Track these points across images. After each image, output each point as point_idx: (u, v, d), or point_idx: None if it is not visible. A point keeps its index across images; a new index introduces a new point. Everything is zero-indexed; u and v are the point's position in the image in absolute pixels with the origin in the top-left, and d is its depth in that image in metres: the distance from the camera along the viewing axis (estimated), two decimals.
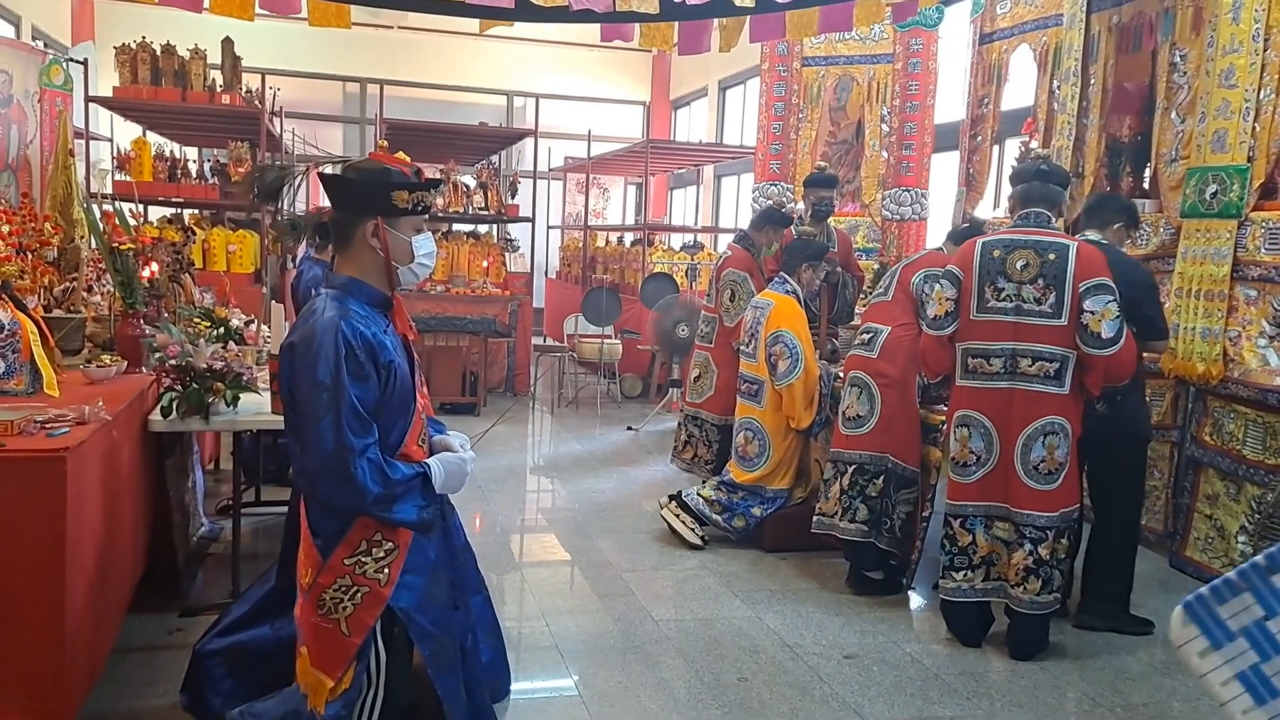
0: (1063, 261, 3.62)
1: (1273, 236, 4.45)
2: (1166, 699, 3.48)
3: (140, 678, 3.26)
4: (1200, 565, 4.69)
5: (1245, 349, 4.54)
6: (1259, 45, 4.52)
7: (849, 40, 7.97)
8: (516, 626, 3.95)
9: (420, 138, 10.08)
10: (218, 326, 4.22)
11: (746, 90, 12.79)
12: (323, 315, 2.19)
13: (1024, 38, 6.49)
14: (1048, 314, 3.63)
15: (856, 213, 8.10)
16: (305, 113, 13.07)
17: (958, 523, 3.84)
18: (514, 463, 6.85)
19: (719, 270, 5.69)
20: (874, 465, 4.34)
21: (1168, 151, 5.20)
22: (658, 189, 15.21)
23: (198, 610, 3.77)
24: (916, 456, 4.34)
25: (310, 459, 2.16)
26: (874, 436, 4.34)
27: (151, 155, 8.20)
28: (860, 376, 4.40)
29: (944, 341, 3.86)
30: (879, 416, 4.32)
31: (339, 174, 2.28)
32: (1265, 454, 4.36)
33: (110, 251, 3.86)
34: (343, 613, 2.25)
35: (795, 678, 3.53)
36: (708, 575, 4.57)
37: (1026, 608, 3.71)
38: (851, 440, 4.39)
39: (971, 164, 6.92)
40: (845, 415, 4.44)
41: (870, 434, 4.34)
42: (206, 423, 3.51)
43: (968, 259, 3.80)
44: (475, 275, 9.16)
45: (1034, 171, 3.87)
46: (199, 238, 7.84)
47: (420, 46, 13.87)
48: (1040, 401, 3.66)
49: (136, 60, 7.95)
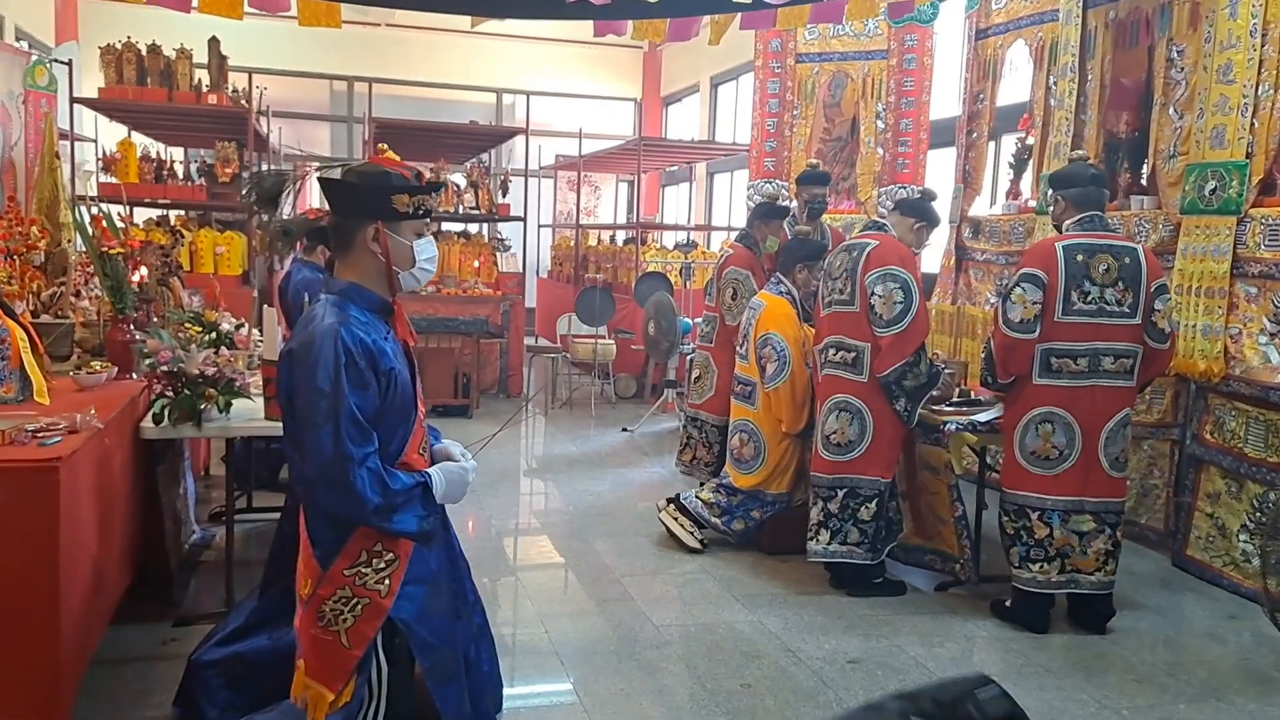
0: (1136, 265, 3.85)
1: (1273, 233, 4.43)
2: (1173, 701, 3.45)
3: (135, 688, 3.20)
4: (1202, 564, 4.67)
5: (1246, 346, 4.53)
6: (1256, 41, 4.50)
7: (843, 36, 7.95)
8: (512, 632, 3.91)
9: (410, 136, 10.01)
10: (209, 331, 4.15)
11: (739, 86, 12.75)
12: (322, 321, 2.14)
13: (1020, 33, 6.46)
14: (1126, 314, 3.85)
15: (852, 210, 8.07)
16: (293, 112, 12.97)
17: (1036, 515, 3.96)
18: (508, 465, 6.79)
19: (720, 269, 5.64)
20: (867, 489, 4.27)
21: (1166, 147, 5.17)
22: (650, 187, 15.16)
23: (192, 619, 3.71)
24: (892, 467, 4.31)
25: (309, 467, 2.11)
26: (863, 462, 4.25)
27: (137, 156, 8.13)
28: (851, 402, 4.25)
29: (1029, 344, 3.88)
30: (871, 442, 4.23)
31: (338, 178, 2.23)
32: (1267, 452, 4.34)
33: (99, 256, 3.79)
34: (343, 625, 2.21)
35: (799, 683, 3.49)
36: (707, 579, 4.53)
37: (1099, 589, 3.98)
38: (840, 466, 4.28)
39: (968, 160, 6.90)
40: (831, 440, 4.31)
41: (860, 459, 4.25)
42: (199, 429, 3.45)
43: (1051, 263, 3.85)
44: (467, 275, 9.11)
45: (1090, 175, 4.00)
46: (186, 240, 7.75)
47: (409, 44, 13.78)
48: (1118, 396, 3.91)
49: (122, 60, 7.87)
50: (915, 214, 4.39)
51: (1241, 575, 4.44)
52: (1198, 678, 3.65)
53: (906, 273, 4.17)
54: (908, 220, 4.38)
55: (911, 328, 4.14)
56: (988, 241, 6.60)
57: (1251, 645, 3.96)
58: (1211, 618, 4.25)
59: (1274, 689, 3.56)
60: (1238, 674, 3.71)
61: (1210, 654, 3.89)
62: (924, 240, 4.49)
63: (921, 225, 4.40)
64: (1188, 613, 4.32)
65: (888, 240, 4.30)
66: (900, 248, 4.29)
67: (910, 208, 4.42)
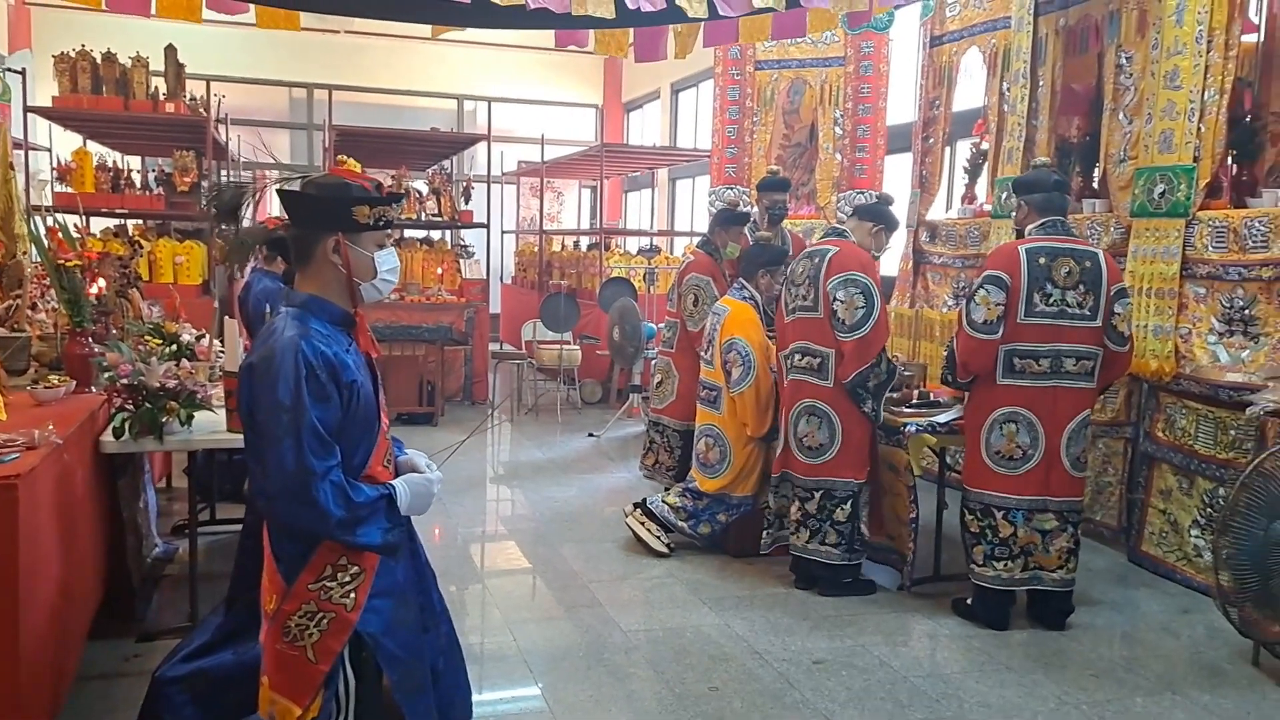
0: (1097, 269, 3.93)
1: (1219, 235, 4.54)
2: (1130, 694, 3.52)
3: (98, 707, 3.17)
4: (1156, 559, 4.77)
5: (1196, 345, 4.63)
6: (1202, 47, 4.61)
7: (801, 44, 8.02)
8: (480, 640, 3.91)
9: (371, 143, 9.96)
10: (169, 343, 4.12)
11: (699, 93, 12.83)
12: (283, 335, 2.13)
13: (973, 40, 6.57)
14: (1087, 316, 3.93)
15: (812, 215, 8.14)
16: (251, 119, 12.86)
17: (1001, 514, 4.02)
18: (474, 472, 6.79)
19: (681, 275, 5.68)
20: (842, 490, 4.34)
21: (1116, 152, 5.29)
22: (612, 192, 15.20)
23: (155, 635, 3.68)
24: (865, 466, 4.37)
25: (271, 482, 2.10)
26: (835, 465, 4.32)
27: (93, 165, 8.03)
28: (819, 407, 4.33)
29: (991, 345, 3.95)
30: (841, 445, 4.31)
31: (298, 190, 2.22)
32: (1216, 448, 4.45)
33: (55, 268, 3.75)
34: (309, 639, 2.20)
35: (766, 685, 3.53)
36: (674, 583, 4.56)
37: (1060, 586, 4.05)
38: (816, 468, 4.36)
39: (924, 165, 6.99)
40: (803, 443, 4.39)
41: (832, 462, 4.32)
42: (160, 443, 3.42)
43: (1014, 265, 3.93)
44: (430, 283, 9.08)
45: (1053, 182, 4.10)
46: (145, 250, 7.66)
47: (368, 51, 13.72)
48: (1080, 397, 3.99)
49: (76, 69, 7.76)
50: (873, 218, 4.46)
51: (1194, 570, 4.55)
52: (1153, 671, 3.74)
53: (867, 278, 4.24)
54: (866, 225, 4.45)
55: (874, 332, 4.21)
56: (944, 245, 6.69)
57: (1204, 638, 4.05)
58: (1166, 612, 4.34)
59: (1226, 681, 3.65)
60: (1192, 667, 3.79)
61: (1165, 648, 3.98)
62: (884, 243, 4.57)
63: (880, 229, 4.47)
64: (1143, 607, 4.41)
65: (848, 246, 4.36)
66: (861, 253, 4.36)
67: (868, 212, 4.50)
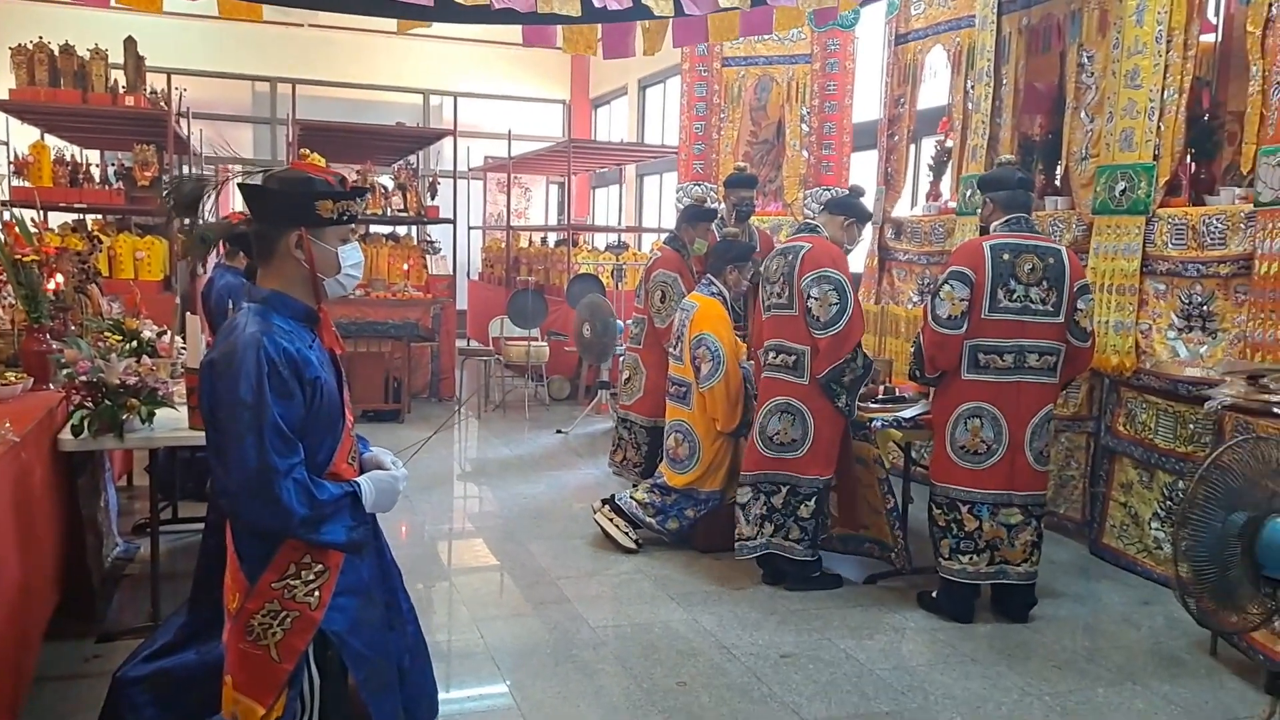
0: (1060, 265, 3.98)
1: (1178, 232, 4.61)
2: (1092, 685, 3.57)
3: (59, 709, 3.12)
4: (1117, 552, 4.84)
5: (1156, 341, 4.70)
6: (1162, 47, 4.68)
7: (768, 41, 8.04)
8: (448, 637, 3.89)
9: (335, 138, 9.88)
10: (129, 340, 4.06)
11: (666, 89, 12.84)
12: (244, 331, 2.10)
13: (938, 38, 6.62)
14: (1050, 312, 3.98)
15: (779, 212, 8.18)
16: (213, 113, 12.69)
17: (966, 508, 4.06)
18: (441, 469, 6.75)
19: (649, 271, 5.68)
20: (807, 487, 4.35)
21: (1078, 150, 5.35)
22: (580, 188, 15.17)
23: (115, 635, 3.62)
24: (833, 465, 4.40)
25: (232, 480, 2.07)
26: (804, 462, 4.33)
27: (51, 159, 7.87)
28: (793, 404, 4.33)
29: (956, 340, 3.98)
30: (813, 442, 4.32)
31: (259, 184, 2.19)
32: (1176, 442, 4.52)
33: (12, 263, 3.68)
34: (272, 638, 2.17)
35: (733, 679, 3.54)
36: (642, 579, 4.56)
37: (1024, 579, 4.10)
38: (783, 463, 4.37)
39: (889, 163, 7.04)
40: (774, 440, 4.38)
41: (803, 459, 4.34)
42: (121, 440, 3.37)
43: (979, 261, 3.96)
44: (396, 278, 9.02)
45: (1018, 179, 4.14)
46: (105, 245, 7.55)
47: (333, 45, 13.58)
48: (1043, 392, 4.03)
49: (33, 61, 7.60)
50: (844, 211, 4.47)
51: (1154, 561, 4.62)
52: (1115, 662, 3.79)
53: (840, 274, 4.25)
54: (837, 218, 4.46)
55: (848, 328, 4.22)
56: (909, 242, 6.75)
57: (1164, 629, 4.12)
58: (1127, 603, 4.41)
59: (1186, 671, 3.71)
60: (1152, 657, 3.85)
61: (1126, 639, 4.04)
62: (856, 236, 4.57)
63: (851, 221, 4.48)
64: (1104, 599, 4.47)
65: (820, 243, 4.37)
66: (833, 249, 4.37)
67: (838, 205, 4.51)
